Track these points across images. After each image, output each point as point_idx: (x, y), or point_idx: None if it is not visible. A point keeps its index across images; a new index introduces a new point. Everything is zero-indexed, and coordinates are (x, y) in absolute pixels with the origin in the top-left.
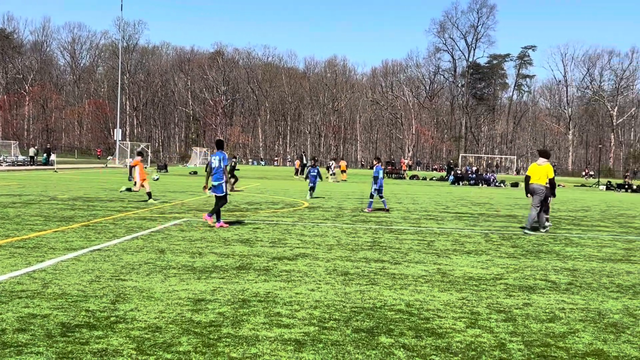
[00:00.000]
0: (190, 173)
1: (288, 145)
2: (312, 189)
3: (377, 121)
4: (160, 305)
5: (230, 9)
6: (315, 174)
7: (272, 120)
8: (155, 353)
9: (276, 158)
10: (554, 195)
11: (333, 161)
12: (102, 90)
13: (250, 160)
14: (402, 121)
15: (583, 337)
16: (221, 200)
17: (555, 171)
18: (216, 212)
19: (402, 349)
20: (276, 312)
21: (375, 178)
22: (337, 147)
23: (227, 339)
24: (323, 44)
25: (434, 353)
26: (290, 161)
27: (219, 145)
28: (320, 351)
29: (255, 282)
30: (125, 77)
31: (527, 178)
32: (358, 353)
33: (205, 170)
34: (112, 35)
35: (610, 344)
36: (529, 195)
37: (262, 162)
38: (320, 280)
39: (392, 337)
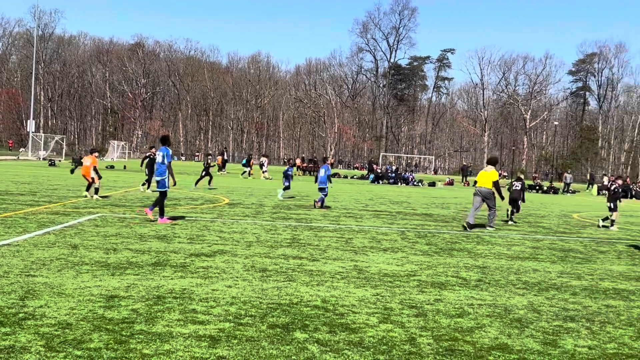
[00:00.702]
0: (107, 167)
1: (210, 141)
2: (286, 188)
3: (300, 119)
4: (72, 302)
5: (151, 0)
6: (290, 173)
7: (194, 114)
8: (65, 350)
9: (197, 153)
10: (523, 200)
11: (265, 158)
12: (15, 79)
13: (147, 152)
14: (325, 119)
15: (489, 332)
16: (162, 196)
17: (500, 174)
18: (160, 208)
19: (315, 344)
20: (191, 309)
21: (322, 176)
22: (260, 143)
23: (140, 336)
24: (247, 40)
25: (347, 348)
26: (211, 157)
27: (164, 140)
28: (235, 347)
29: (171, 279)
30: (40, 66)
31: (475, 183)
32: (272, 348)
33: (140, 165)
34: (27, 23)
35: (514, 338)
36: (478, 196)
37: (183, 158)
38: (237, 277)
39: (307, 332)
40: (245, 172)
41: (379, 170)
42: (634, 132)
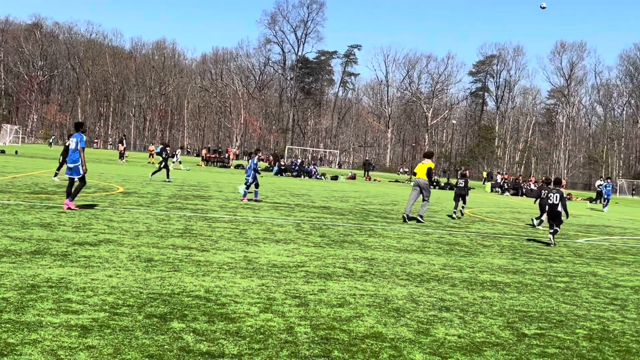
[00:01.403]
0: None
1: (110, 128)
2: (247, 182)
3: (205, 108)
4: None
5: None
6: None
7: (94, 100)
8: None
9: (96, 140)
10: (465, 199)
11: (180, 149)
12: None
13: (66, 141)
14: (231, 110)
15: (366, 321)
16: (81, 182)
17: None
18: (74, 193)
19: (192, 334)
20: (66, 298)
21: (250, 169)
22: (163, 132)
23: (7, 325)
24: (151, 25)
25: (223, 337)
26: (111, 144)
27: (77, 127)
28: (107, 337)
29: (50, 268)
30: None
31: (414, 175)
32: (146, 338)
33: (61, 154)
34: None
35: (389, 327)
36: (416, 187)
37: None
38: (120, 267)
39: (185, 322)
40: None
41: (283, 163)
42: (529, 132)
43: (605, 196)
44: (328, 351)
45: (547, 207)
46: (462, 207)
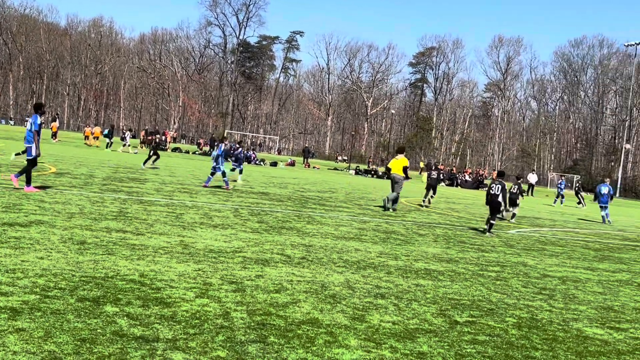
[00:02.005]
0: None
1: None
2: (234, 170)
3: (142, 89)
4: None
5: None
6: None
7: (26, 77)
8: None
9: (27, 119)
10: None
11: (129, 132)
12: None
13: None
14: (169, 92)
15: (303, 307)
16: (29, 163)
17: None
18: (26, 176)
19: (125, 318)
20: None
21: (217, 157)
22: (98, 112)
23: None
24: (88, 2)
25: (157, 321)
26: (44, 123)
27: (36, 108)
28: (38, 320)
29: None
30: None
31: (389, 170)
32: (78, 322)
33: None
34: None
35: (325, 313)
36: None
37: (12, 122)
38: (52, 249)
39: (118, 306)
40: (108, 143)
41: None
42: (465, 124)
43: (559, 191)
44: (264, 337)
45: (487, 197)
46: (432, 197)
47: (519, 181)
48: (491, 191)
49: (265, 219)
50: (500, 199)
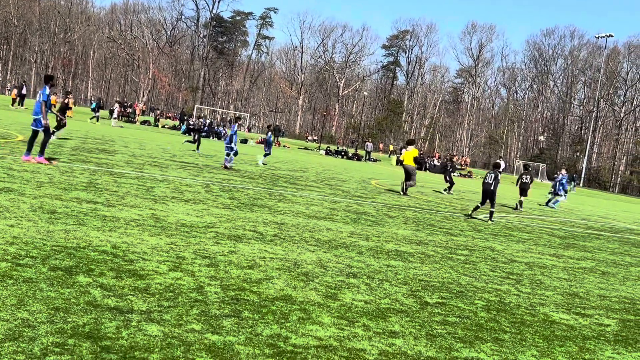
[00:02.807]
0: None
1: (9, 73)
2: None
3: (112, 60)
4: None
5: None
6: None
7: None
8: None
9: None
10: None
11: (117, 104)
12: None
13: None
14: (140, 64)
15: (276, 284)
16: (45, 135)
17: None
18: (36, 145)
19: (99, 288)
20: None
21: (231, 136)
22: (66, 81)
23: None
24: None
25: (132, 293)
26: (9, 90)
27: (46, 80)
28: (10, 287)
29: None
30: None
31: (401, 161)
32: (51, 291)
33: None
34: None
35: (298, 290)
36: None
37: None
38: (22, 217)
39: (91, 276)
40: (94, 117)
41: (192, 123)
42: (435, 109)
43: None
44: (238, 311)
45: (483, 186)
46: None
47: (529, 170)
48: (486, 180)
49: (237, 195)
50: (493, 187)
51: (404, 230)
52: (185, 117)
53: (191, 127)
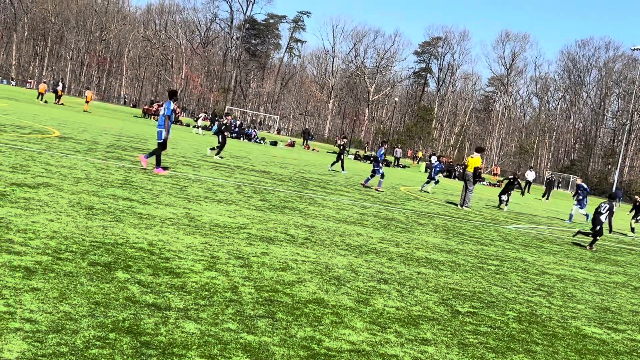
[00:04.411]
0: None
1: (45, 69)
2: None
3: (146, 59)
4: None
5: None
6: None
7: (30, 38)
8: None
9: (30, 80)
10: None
11: (203, 114)
12: None
13: None
14: (173, 64)
15: (309, 287)
16: (159, 146)
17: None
18: (156, 158)
19: (137, 285)
20: (8, 239)
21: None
22: (100, 79)
23: None
24: None
25: (169, 291)
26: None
27: (170, 95)
28: (52, 280)
29: None
30: None
31: (465, 167)
32: (91, 285)
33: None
34: None
35: (330, 294)
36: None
37: (13, 82)
38: (61, 212)
39: (129, 273)
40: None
41: (224, 122)
42: (465, 117)
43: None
44: (272, 312)
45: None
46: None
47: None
48: (599, 210)
49: (268, 197)
50: (604, 218)
51: (433, 237)
52: (217, 118)
53: (222, 126)
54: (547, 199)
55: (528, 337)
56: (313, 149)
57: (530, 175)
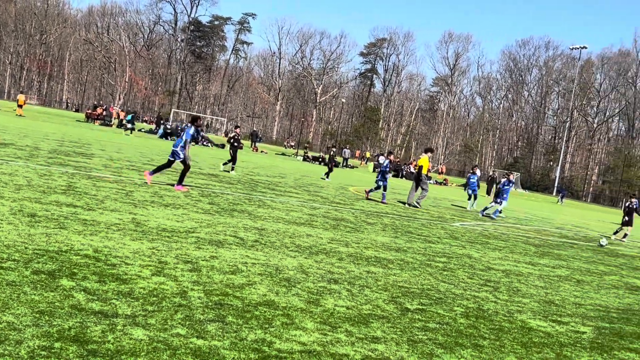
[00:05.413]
0: None
1: None
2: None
3: (88, 62)
4: None
5: None
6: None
7: None
8: None
9: None
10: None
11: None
12: None
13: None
14: (116, 67)
15: (259, 289)
16: (184, 165)
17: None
18: (180, 176)
19: (82, 292)
20: None
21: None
22: (41, 83)
23: None
24: None
25: (115, 297)
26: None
27: (192, 120)
28: None
29: None
30: None
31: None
32: (35, 294)
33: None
34: None
35: (281, 296)
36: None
37: None
38: (2, 220)
39: (75, 280)
40: (128, 128)
41: (168, 126)
42: (411, 117)
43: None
44: (222, 316)
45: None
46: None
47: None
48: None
49: (216, 200)
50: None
51: (382, 237)
52: (162, 121)
53: (168, 130)
54: (490, 195)
55: (475, 332)
56: (261, 151)
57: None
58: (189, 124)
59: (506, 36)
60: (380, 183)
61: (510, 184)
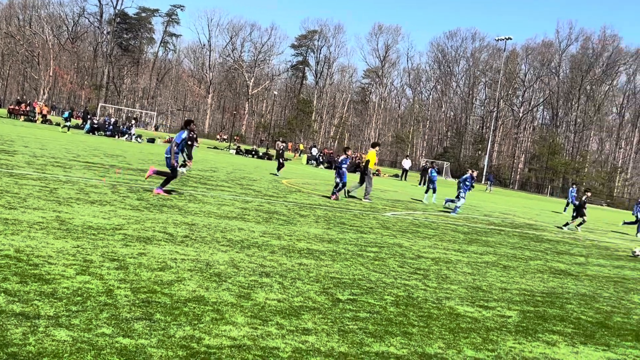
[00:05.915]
0: None
1: None
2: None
3: (10, 56)
4: None
5: None
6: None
7: None
8: None
9: None
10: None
11: (134, 120)
12: None
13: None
14: (40, 60)
15: (188, 285)
16: (172, 173)
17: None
18: (164, 181)
19: (2, 294)
20: None
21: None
22: None
23: None
24: None
25: (38, 298)
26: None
27: (185, 123)
28: None
29: None
30: None
31: (365, 164)
32: None
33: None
34: None
35: (211, 291)
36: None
37: None
38: None
39: None
40: (65, 125)
41: (95, 121)
42: (344, 109)
43: (570, 200)
44: (150, 314)
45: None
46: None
47: (588, 194)
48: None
49: (145, 196)
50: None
51: (315, 228)
52: (89, 116)
53: (95, 125)
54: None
55: (405, 319)
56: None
57: (406, 163)
58: (181, 129)
59: (434, 28)
60: (338, 180)
61: (472, 180)
